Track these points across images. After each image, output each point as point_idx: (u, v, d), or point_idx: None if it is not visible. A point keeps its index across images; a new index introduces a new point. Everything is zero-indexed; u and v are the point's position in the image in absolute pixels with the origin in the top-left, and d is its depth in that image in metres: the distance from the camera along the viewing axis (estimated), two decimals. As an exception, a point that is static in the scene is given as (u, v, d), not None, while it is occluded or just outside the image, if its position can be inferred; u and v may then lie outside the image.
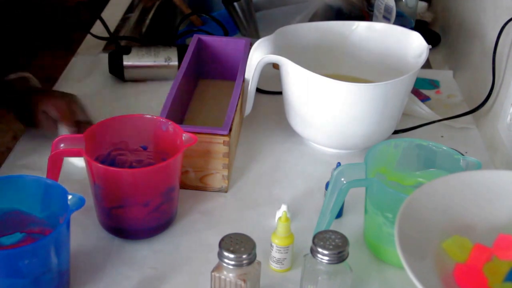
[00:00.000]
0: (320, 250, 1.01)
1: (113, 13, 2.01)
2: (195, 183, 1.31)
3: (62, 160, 1.18)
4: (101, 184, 1.15)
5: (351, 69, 1.52)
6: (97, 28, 1.83)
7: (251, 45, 1.40)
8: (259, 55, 1.38)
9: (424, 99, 1.63)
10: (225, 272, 1.01)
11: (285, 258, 1.13)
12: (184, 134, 1.18)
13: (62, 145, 1.16)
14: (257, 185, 1.35)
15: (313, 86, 1.33)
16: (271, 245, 1.13)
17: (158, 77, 1.65)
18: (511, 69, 1.41)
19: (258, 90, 1.53)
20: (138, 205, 1.16)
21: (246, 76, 1.41)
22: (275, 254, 1.13)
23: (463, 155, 1.16)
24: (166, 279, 1.13)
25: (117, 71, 1.64)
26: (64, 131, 1.33)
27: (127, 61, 1.62)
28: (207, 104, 1.54)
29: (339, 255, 1.01)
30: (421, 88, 1.67)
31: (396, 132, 1.46)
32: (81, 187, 1.22)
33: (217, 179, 1.30)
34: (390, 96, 1.34)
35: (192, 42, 1.55)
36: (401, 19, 1.73)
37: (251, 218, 1.26)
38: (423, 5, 2.02)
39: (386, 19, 1.74)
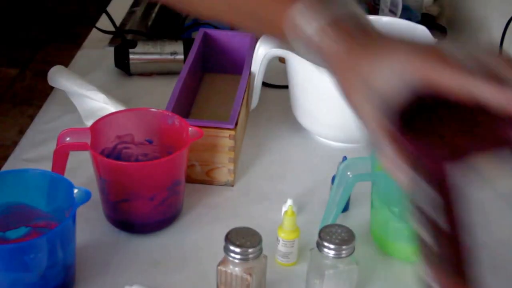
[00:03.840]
0: (326, 244, 1.01)
1: (119, 7, 2.00)
2: (201, 177, 1.31)
3: (68, 153, 1.18)
4: (107, 178, 1.15)
5: (357, 63, 1.51)
6: (103, 22, 1.82)
7: (257, 39, 1.40)
8: (265, 48, 1.38)
9: (430, 93, 1.62)
10: (231, 266, 1.01)
11: (291, 252, 1.13)
12: (190, 128, 1.18)
13: (67, 138, 1.16)
14: (263, 179, 1.34)
15: (319, 80, 1.33)
16: (277, 239, 1.13)
17: (164, 71, 1.64)
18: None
19: (264, 84, 1.53)
20: (143, 199, 1.16)
21: (252, 70, 1.41)
22: (281, 248, 1.13)
23: (470, 149, 1.15)
24: (172, 273, 1.13)
25: (123, 65, 1.64)
26: None
27: (133, 55, 1.62)
28: (213, 98, 1.54)
29: (345, 249, 1.01)
30: (428, 82, 1.66)
31: (402, 126, 1.45)
32: (87, 181, 1.22)
33: (223, 173, 1.30)
34: (396, 90, 1.34)
35: (198, 36, 1.54)
36: (407, 13, 1.73)
37: (257, 212, 1.26)
38: (429, -2, 2.02)
39: (392, 13, 1.74)
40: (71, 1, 4.04)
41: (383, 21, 1.50)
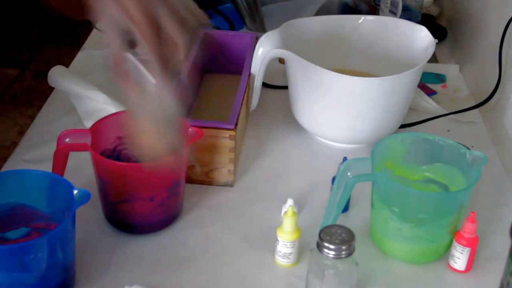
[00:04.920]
0: (326, 244, 1.01)
1: (118, 7, 2.00)
2: (201, 177, 1.31)
3: (67, 154, 1.18)
4: (107, 179, 1.15)
5: (357, 63, 1.51)
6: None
7: (257, 39, 1.40)
8: (265, 49, 1.38)
9: (430, 93, 1.62)
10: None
11: (291, 253, 1.13)
12: (190, 129, 1.18)
13: (67, 139, 1.16)
14: (263, 179, 1.34)
15: (319, 80, 1.33)
16: (277, 239, 1.13)
17: (163, 71, 1.64)
18: (518, 63, 1.41)
19: (264, 85, 1.53)
20: (143, 199, 1.16)
21: (252, 70, 1.41)
22: (281, 248, 1.13)
23: (469, 149, 1.15)
24: (172, 273, 1.13)
25: (122, 65, 1.63)
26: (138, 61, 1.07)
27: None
28: (213, 99, 1.54)
29: (345, 250, 1.01)
30: (428, 82, 1.67)
31: (402, 126, 1.46)
32: (87, 182, 1.22)
33: (223, 173, 1.30)
34: (396, 90, 1.34)
35: (198, 36, 1.54)
36: (407, 13, 1.73)
37: (257, 212, 1.26)
38: (429, -1, 2.02)
39: (392, 13, 1.74)
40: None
41: (384, 22, 1.50)
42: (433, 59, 1.75)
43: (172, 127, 1.04)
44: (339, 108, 1.35)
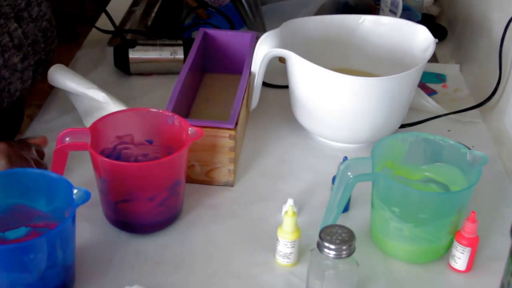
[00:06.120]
0: (326, 244, 1.01)
1: (118, 6, 2.00)
2: (201, 177, 1.31)
3: (67, 154, 1.17)
4: (107, 178, 1.15)
5: (357, 63, 1.51)
6: (102, 21, 1.82)
7: (257, 38, 1.40)
8: (265, 48, 1.37)
9: (430, 93, 1.62)
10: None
11: (291, 253, 1.13)
12: (190, 128, 1.18)
13: (67, 139, 1.16)
14: (264, 179, 1.34)
15: (319, 80, 1.33)
16: (277, 239, 1.12)
17: (164, 70, 1.64)
18: (518, 63, 1.41)
19: (264, 84, 1.52)
20: (143, 199, 1.16)
21: (252, 70, 1.41)
22: (282, 248, 1.13)
23: (469, 149, 1.15)
24: (172, 273, 1.13)
25: (122, 65, 1.63)
26: None
27: (133, 54, 1.62)
28: (213, 98, 1.53)
29: (346, 250, 1.01)
30: (428, 82, 1.67)
31: (403, 126, 1.45)
32: (87, 181, 1.21)
33: (223, 173, 1.30)
34: (397, 90, 1.34)
35: (198, 35, 1.54)
36: (408, 13, 1.73)
37: (257, 212, 1.26)
38: (429, -2, 2.02)
39: (393, 12, 1.74)
40: (70, 1, 4.03)
41: (384, 21, 1.50)
42: (433, 59, 1.75)
43: None
44: (339, 108, 1.35)
